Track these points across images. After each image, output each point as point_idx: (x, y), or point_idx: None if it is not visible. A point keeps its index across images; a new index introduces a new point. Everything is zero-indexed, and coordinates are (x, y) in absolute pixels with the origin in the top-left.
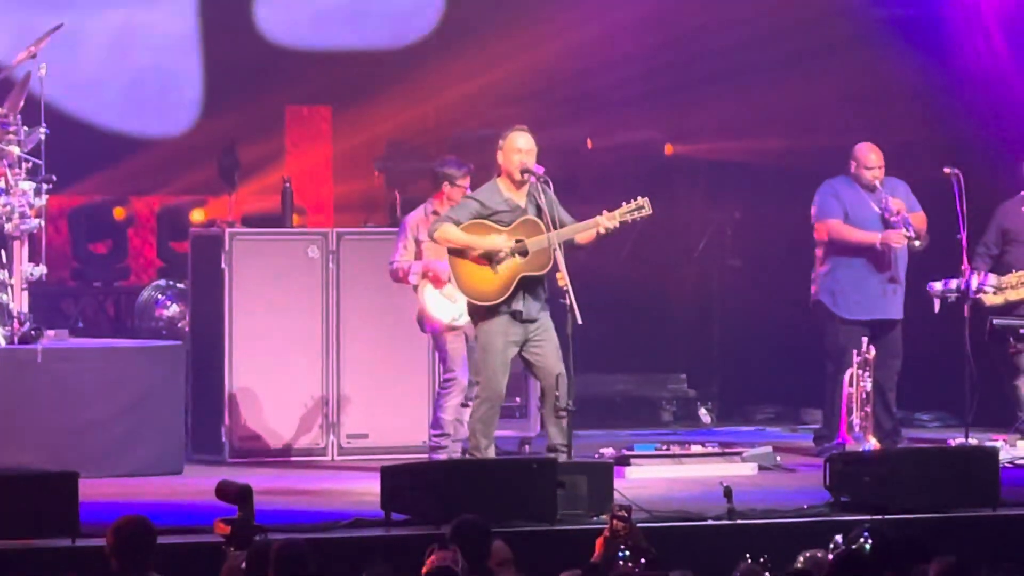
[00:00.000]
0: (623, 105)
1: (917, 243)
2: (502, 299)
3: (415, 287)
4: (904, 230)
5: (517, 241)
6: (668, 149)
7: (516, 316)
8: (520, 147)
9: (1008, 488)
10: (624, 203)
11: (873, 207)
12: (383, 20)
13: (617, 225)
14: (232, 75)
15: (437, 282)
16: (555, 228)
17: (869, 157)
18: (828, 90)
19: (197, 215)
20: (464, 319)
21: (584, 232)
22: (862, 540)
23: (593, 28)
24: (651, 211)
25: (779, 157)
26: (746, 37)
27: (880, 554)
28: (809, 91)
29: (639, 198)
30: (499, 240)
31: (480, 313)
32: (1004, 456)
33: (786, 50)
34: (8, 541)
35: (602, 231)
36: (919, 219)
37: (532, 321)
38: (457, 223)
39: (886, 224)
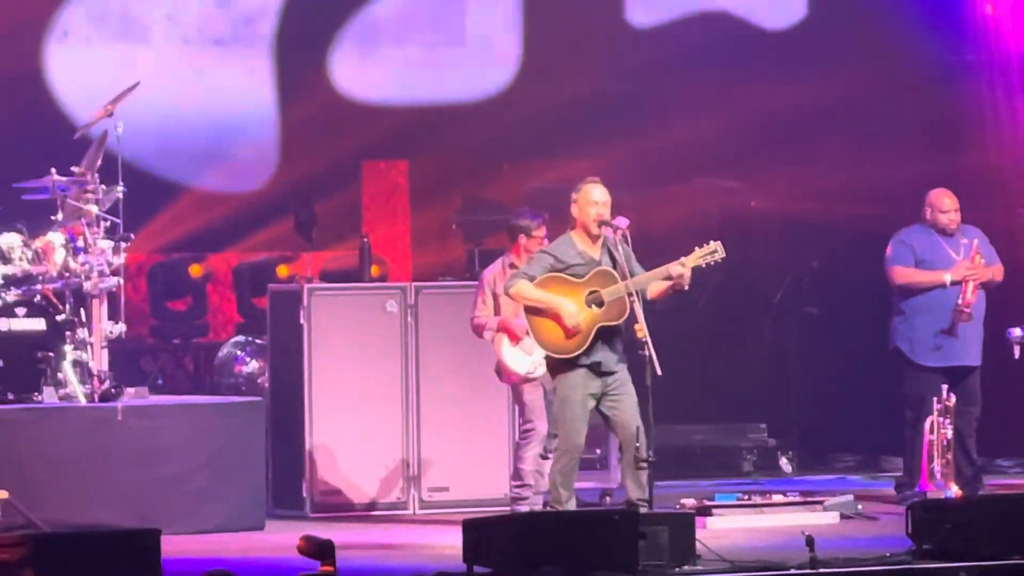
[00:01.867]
0: (703, 164)
1: (968, 317)
2: (580, 351)
3: (492, 342)
4: (960, 302)
5: (592, 292)
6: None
7: (594, 368)
8: (596, 199)
9: None
10: (697, 247)
11: (950, 252)
12: (459, 73)
13: (690, 271)
14: (309, 130)
15: (512, 337)
16: (629, 278)
17: (943, 201)
18: (912, 165)
19: (283, 271)
20: (540, 371)
21: (658, 281)
22: None
23: (672, 82)
24: (724, 254)
25: (859, 220)
26: (835, 109)
27: None
28: (894, 165)
29: (711, 242)
30: (567, 305)
31: (559, 366)
32: None
33: (872, 125)
34: None
35: (675, 275)
36: (997, 271)
37: (611, 373)
38: (532, 279)
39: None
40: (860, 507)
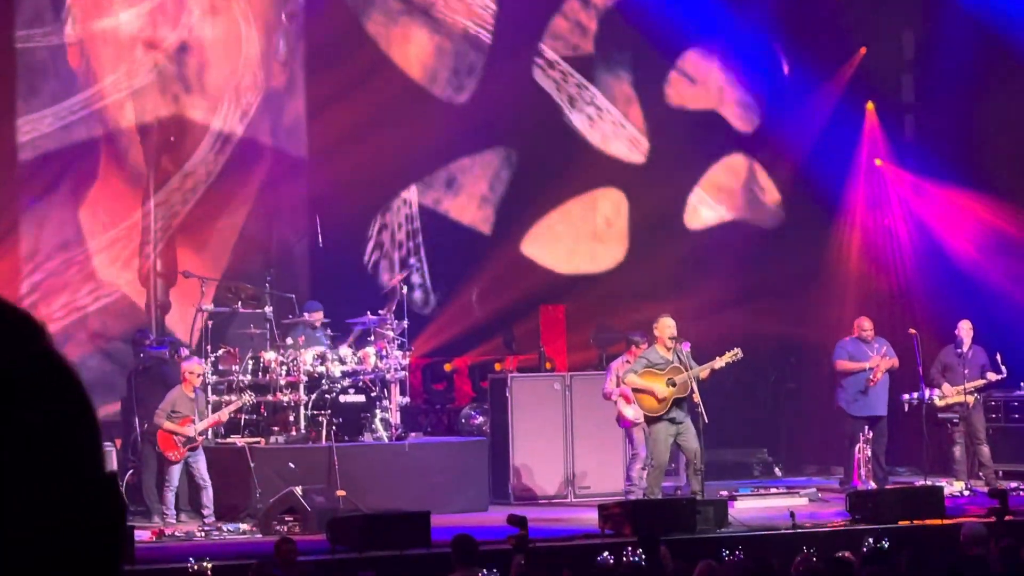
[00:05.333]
0: (727, 306)
1: (874, 384)
2: (664, 412)
3: (615, 403)
4: (871, 378)
5: (669, 379)
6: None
7: (672, 421)
8: (670, 325)
9: (950, 508)
10: (727, 351)
11: (868, 352)
12: (595, 257)
13: (724, 366)
14: (508, 287)
15: (627, 400)
16: (689, 370)
17: (864, 323)
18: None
19: (497, 366)
20: (641, 420)
21: (705, 370)
22: (884, 542)
23: (708, 264)
24: (742, 356)
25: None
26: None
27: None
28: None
29: (735, 348)
30: (658, 387)
31: (652, 420)
32: (948, 490)
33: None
34: (388, 551)
35: (715, 368)
36: (895, 362)
37: (681, 423)
38: (636, 372)
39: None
40: (819, 495)
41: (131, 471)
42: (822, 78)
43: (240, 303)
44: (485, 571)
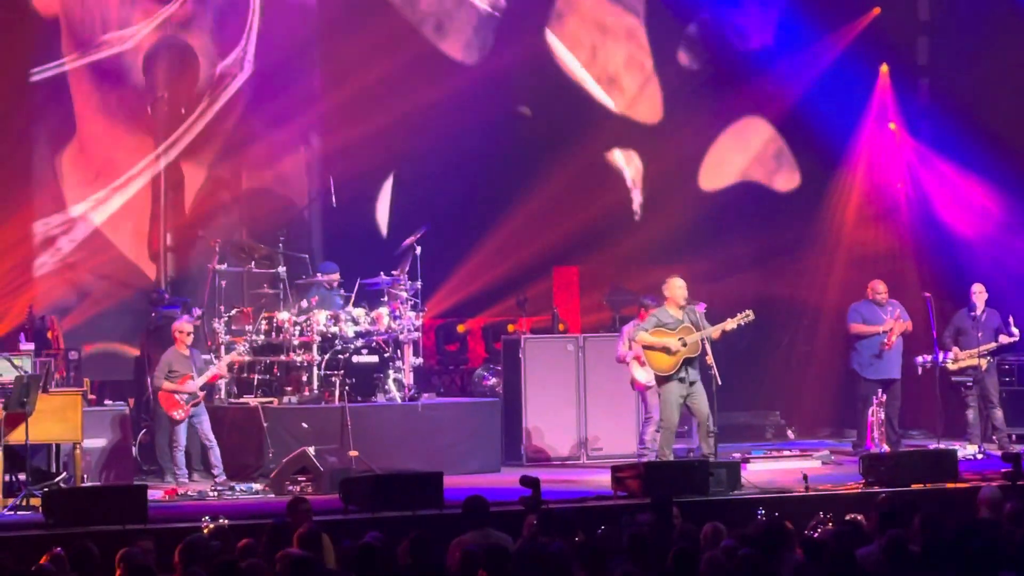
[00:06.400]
0: (736, 269)
1: (889, 347)
2: (674, 372)
3: (628, 366)
4: (885, 341)
5: (680, 339)
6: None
7: (683, 381)
8: (680, 286)
9: (963, 471)
10: (738, 313)
11: (882, 315)
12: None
13: (735, 327)
14: (522, 248)
15: (640, 363)
16: (701, 330)
17: (878, 286)
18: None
19: (510, 328)
20: (653, 383)
21: (717, 331)
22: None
23: (720, 226)
24: (754, 318)
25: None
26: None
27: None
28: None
29: (747, 310)
30: (671, 342)
31: (663, 380)
32: (961, 453)
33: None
34: (400, 512)
35: (727, 329)
36: (909, 325)
37: (692, 383)
38: (647, 331)
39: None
40: (832, 458)
41: (144, 430)
42: (835, 38)
43: (253, 263)
44: (497, 532)
